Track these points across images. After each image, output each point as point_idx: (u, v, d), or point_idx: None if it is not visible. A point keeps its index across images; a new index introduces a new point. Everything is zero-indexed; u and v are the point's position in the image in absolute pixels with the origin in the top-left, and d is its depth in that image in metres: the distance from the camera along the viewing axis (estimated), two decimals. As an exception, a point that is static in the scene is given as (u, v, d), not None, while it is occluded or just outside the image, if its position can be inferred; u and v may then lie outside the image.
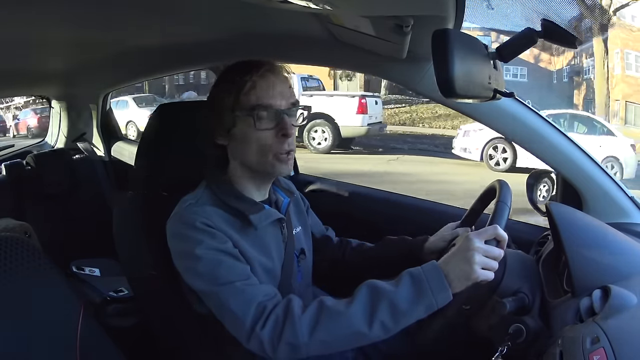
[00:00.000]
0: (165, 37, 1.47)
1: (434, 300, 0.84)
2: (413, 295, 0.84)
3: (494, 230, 0.87)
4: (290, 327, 0.86)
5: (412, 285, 0.85)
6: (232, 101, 0.94)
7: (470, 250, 0.84)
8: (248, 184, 1.01)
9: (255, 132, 0.94)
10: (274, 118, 0.94)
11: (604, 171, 1.18)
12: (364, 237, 1.24)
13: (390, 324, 0.85)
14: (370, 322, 0.84)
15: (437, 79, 0.74)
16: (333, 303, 0.88)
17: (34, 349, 0.97)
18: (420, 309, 0.85)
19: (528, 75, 15.81)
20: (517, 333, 0.90)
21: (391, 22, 0.88)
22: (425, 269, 0.87)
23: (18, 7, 1.02)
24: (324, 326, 0.86)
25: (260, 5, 0.90)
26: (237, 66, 0.97)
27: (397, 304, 0.84)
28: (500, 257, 0.86)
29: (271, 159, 0.95)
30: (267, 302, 0.89)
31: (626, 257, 0.91)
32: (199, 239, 0.91)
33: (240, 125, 0.95)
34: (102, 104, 2.33)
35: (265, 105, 0.93)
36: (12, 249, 1.01)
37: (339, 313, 0.86)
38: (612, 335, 0.70)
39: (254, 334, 0.87)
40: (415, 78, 1.21)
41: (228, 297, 0.89)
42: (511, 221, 1.04)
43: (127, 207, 1.14)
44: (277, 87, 0.96)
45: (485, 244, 0.86)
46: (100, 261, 1.82)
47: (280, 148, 0.95)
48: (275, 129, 0.94)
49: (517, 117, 1.17)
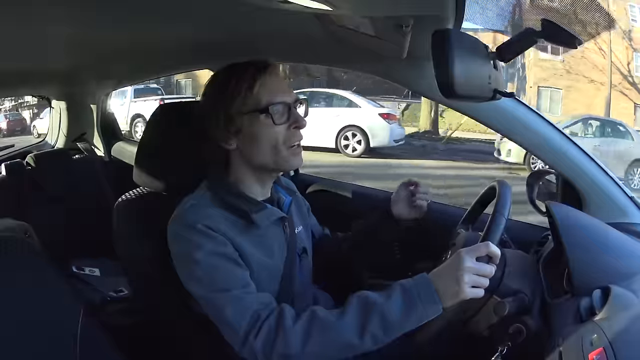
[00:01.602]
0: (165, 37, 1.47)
1: (425, 313, 0.85)
2: (404, 308, 0.85)
3: (486, 248, 0.87)
4: (283, 338, 0.87)
5: (403, 298, 0.86)
6: (241, 103, 0.95)
7: (459, 270, 0.85)
8: (252, 183, 1.01)
9: (269, 128, 0.95)
10: (286, 112, 0.97)
11: (604, 171, 1.18)
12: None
13: (381, 335, 0.86)
14: (362, 334, 0.86)
15: (436, 79, 0.74)
16: (324, 314, 0.89)
17: (34, 349, 0.97)
18: (411, 321, 0.86)
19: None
20: (517, 333, 0.90)
21: (391, 22, 0.88)
22: (416, 281, 0.88)
23: (18, 6, 1.02)
24: (316, 338, 0.87)
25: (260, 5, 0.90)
26: (238, 68, 0.97)
27: (388, 317, 0.85)
28: (492, 274, 0.87)
29: (285, 152, 0.97)
30: (261, 311, 0.89)
31: (626, 257, 0.91)
32: (199, 243, 0.92)
33: (250, 125, 0.96)
34: (102, 104, 2.33)
35: (278, 102, 0.95)
36: (12, 249, 1.01)
37: (330, 324, 0.87)
38: (612, 335, 0.70)
39: (247, 342, 0.88)
40: (415, 78, 1.21)
41: (224, 305, 0.90)
42: (511, 221, 1.05)
43: (127, 207, 1.14)
44: (282, 84, 0.98)
45: (477, 260, 0.86)
46: (100, 261, 1.82)
47: (293, 140, 0.98)
48: (288, 122, 0.97)
49: (517, 117, 1.17)
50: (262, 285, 0.95)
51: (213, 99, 0.98)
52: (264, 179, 1.03)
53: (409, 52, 1.07)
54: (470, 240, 0.98)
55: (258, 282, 0.95)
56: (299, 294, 1.06)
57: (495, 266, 0.87)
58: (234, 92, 0.95)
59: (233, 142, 0.98)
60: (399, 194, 1.16)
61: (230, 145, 0.98)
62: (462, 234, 1.09)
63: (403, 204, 1.15)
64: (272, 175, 1.04)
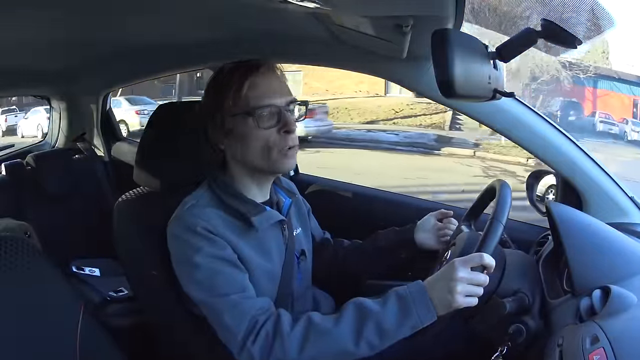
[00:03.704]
0: (165, 37, 1.47)
1: (419, 320, 0.86)
2: (399, 316, 0.86)
3: (480, 259, 0.87)
4: (280, 344, 0.87)
5: (399, 306, 0.87)
6: (230, 104, 0.94)
7: (453, 281, 0.85)
8: (250, 185, 1.01)
9: (257, 131, 0.94)
10: (275, 116, 0.95)
11: (604, 171, 1.18)
12: (364, 237, 1.24)
13: (376, 342, 0.87)
14: (357, 341, 0.86)
15: (436, 79, 0.74)
16: (320, 320, 0.89)
17: (34, 349, 0.97)
18: (406, 328, 0.86)
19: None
20: (517, 333, 0.90)
21: (391, 22, 0.88)
22: (411, 289, 0.88)
23: (18, 6, 1.02)
24: (312, 344, 0.87)
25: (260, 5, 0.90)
26: (230, 68, 0.97)
27: (383, 324, 0.86)
28: (486, 283, 0.87)
29: (275, 155, 0.95)
30: (259, 317, 0.90)
31: (626, 257, 0.91)
32: (199, 246, 0.92)
33: (240, 127, 0.95)
34: (102, 103, 2.33)
35: (265, 105, 0.93)
36: (12, 249, 1.01)
37: (326, 331, 0.88)
38: (612, 335, 0.70)
39: (245, 348, 0.88)
40: (415, 78, 1.21)
41: (223, 310, 0.90)
42: (511, 221, 1.04)
43: (127, 207, 1.14)
44: (274, 85, 0.96)
45: (472, 270, 0.86)
46: (100, 261, 1.82)
47: (284, 144, 0.95)
48: (277, 126, 0.95)
49: (517, 117, 1.16)
50: (261, 288, 0.95)
51: (208, 100, 0.98)
52: (261, 180, 1.02)
53: (409, 52, 1.07)
54: (470, 241, 0.98)
55: (256, 285, 0.95)
56: (298, 296, 1.06)
57: (488, 276, 0.87)
58: (224, 93, 0.94)
59: (225, 142, 0.98)
60: (427, 223, 1.14)
61: (223, 145, 0.98)
62: (463, 234, 1.08)
63: (430, 234, 1.13)
64: (268, 177, 1.03)
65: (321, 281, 1.19)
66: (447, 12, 0.80)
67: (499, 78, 0.86)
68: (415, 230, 1.14)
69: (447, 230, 1.12)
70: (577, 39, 0.78)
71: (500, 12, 0.99)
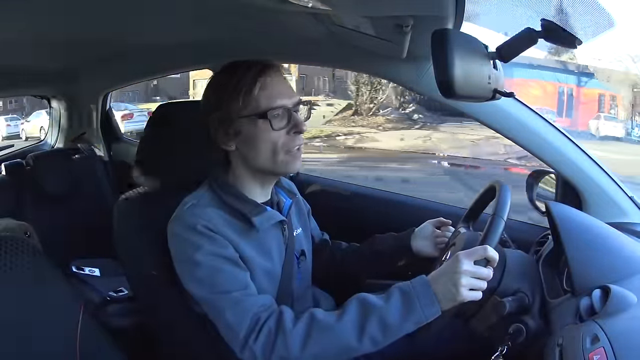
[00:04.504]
0: (165, 37, 1.47)
1: (423, 315, 0.85)
2: (402, 311, 0.86)
3: (484, 252, 0.87)
4: (282, 340, 0.87)
5: (402, 301, 0.86)
6: (239, 105, 0.93)
7: (457, 273, 0.85)
8: (252, 185, 1.01)
9: (268, 133, 0.93)
10: (286, 117, 0.95)
11: (604, 171, 1.18)
12: (364, 237, 1.24)
13: (379, 338, 0.86)
14: (360, 337, 0.86)
15: (436, 79, 0.74)
16: (323, 316, 0.89)
17: (34, 349, 0.97)
18: (410, 323, 0.86)
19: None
20: (517, 333, 0.90)
21: (391, 22, 0.88)
22: (414, 284, 0.88)
23: (18, 6, 1.02)
24: (315, 340, 0.87)
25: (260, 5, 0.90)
26: (238, 68, 0.95)
27: (387, 319, 0.86)
28: (489, 277, 0.87)
29: (283, 157, 0.95)
30: (261, 314, 0.89)
31: (626, 257, 0.91)
32: (199, 244, 0.91)
33: (249, 129, 0.94)
34: (102, 103, 2.33)
35: (277, 106, 0.93)
36: (12, 249, 1.01)
37: (329, 327, 0.87)
38: (612, 335, 0.70)
39: (247, 345, 0.88)
40: (415, 78, 1.21)
41: (224, 307, 0.90)
42: (511, 221, 1.05)
43: (127, 206, 1.14)
44: (283, 86, 0.96)
45: (475, 264, 0.86)
46: (100, 261, 1.82)
47: (292, 145, 0.95)
48: (287, 127, 0.95)
49: (517, 117, 1.17)
50: (262, 288, 0.95)
51: (213, 100, 0.97)
52: (264, 181, 1.02)
53: (409, 52, 1.07)
54: (470, 240, 0.98)
55: (257, 284, 0.95)
56: (298, 296, 1.06)
57: (492, 269, 0.87)
58: (233, 94, 0.94)
59: (232, 144, 0.97)
60: (425, 230, 1.13)
61: (230, 147, 0.97)
62: (462, 234, 1.08)
63: (427, 242, 1.12)
64: (271, 178, 1.03)
65: (320, 281, 1.19)
66: (447, 12, 0.80)
67: (499, 78, 0.86)
68: (413, 237, 1.13)
69: (444, 237, 1.12)
70: (577, 39, 0.78)
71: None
